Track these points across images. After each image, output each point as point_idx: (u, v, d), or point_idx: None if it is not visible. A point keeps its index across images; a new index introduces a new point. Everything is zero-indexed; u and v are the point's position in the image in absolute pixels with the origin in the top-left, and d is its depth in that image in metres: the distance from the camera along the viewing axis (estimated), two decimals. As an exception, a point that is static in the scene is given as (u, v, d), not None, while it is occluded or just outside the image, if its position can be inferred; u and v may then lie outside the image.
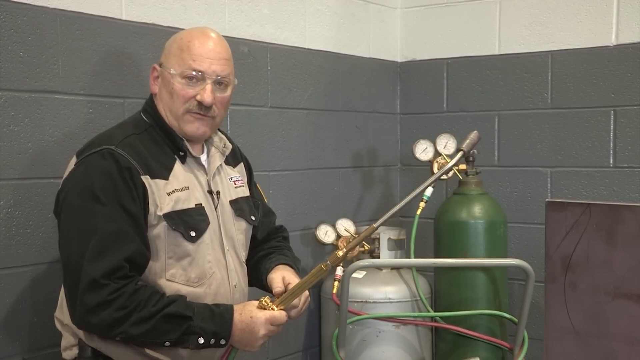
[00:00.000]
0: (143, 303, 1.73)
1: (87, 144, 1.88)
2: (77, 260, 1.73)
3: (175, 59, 1.89)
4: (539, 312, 2.90)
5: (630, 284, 1.45)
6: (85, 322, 1.74)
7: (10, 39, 2.01)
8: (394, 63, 3.44)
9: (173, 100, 1.89)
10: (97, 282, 1.70)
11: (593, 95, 2.99)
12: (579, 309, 1.52)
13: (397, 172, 3.47)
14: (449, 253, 2.74)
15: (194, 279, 1.88)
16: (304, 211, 2.96)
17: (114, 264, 1.72)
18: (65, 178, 1.85)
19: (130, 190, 1.78)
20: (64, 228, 1.81)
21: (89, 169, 1.79)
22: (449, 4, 3.31)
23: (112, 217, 1.75)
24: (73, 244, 1.76)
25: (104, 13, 2.23)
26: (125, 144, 1.82)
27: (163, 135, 1.91)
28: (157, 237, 1.82)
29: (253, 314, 1.82)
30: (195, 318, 1.77)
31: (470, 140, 1.98)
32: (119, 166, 1.78)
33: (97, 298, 1.70)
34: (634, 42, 2.89)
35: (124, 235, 1.75)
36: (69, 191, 1.81)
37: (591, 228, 1.49)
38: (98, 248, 1.72)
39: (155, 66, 1.94)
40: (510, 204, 3.12)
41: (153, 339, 1.76)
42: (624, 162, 2.94)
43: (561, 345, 1.53)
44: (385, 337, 2.69)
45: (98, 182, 1.77)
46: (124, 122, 1.98)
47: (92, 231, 1.74)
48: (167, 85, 1.90)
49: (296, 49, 2.89)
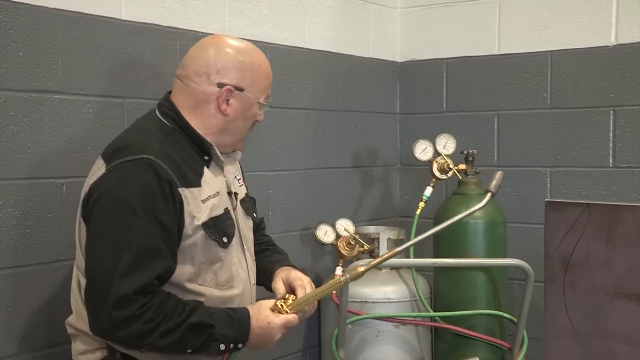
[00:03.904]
0: (169, 315, 1.72)
1: (116, 148, 1.81)
2: (106, 273, 1.69)
3: (259, 87, 1.93)
4: (538, 312, 2.90)
5: (629, 283, 1.45)
6: (111, 335, 1.72)
7: (10, 39, 2.01)
8: (394, 63, 3.44)
9: (245, 123, 1.94)
10: (128, 298, 1.68)
11: (592, 95, 2.99)
12: (578, 308, 1.52)
13: (397, 172, 3.47)
14: (448, 253, 2.75)
15: (223, 282, 1.89)
16: (304, 211, 2.96)
17: (146, 281, 1.70)
18: (96, 183, 1.78)
19: (168, 204, 1.75)
20: (93, 236, 1.76)
21: (127, 178, 1.74)
22: (449, 4, 3.31)
23: (148, 232, 1.72)
24: (103, 255, 1.72)
25: (103, 13, 2.23)
26: (163, 154, 1.78)
27: (189, 139, 1.89)
28: (193, 246, 1.81)
29: (270, 319, 1.84)
30: (216, 326, 1.77)
31: (496, 180, 2.06)
32: (159, 179, 1.74)
33: (127, 313, 1.68)
34: (634, 42, 2.89)
35: (158, 253, 1.73)
36: (101, 198, 1.75)
37: (591, 228, 1.49)
38: (131, 264, 1.69)
39: (231, 88, 1.88)
40: (509, 204, 3.12)
41: (178, 347, 1.75)
42: (623, 162, 2.94)
43: (561, 345, 1.53)
44: (385, 337, 2.69)
45: (136, 194, 1.72)
46: (146, 127, 1.90)
47: (125, 245, 1.70)
48: (245, 110, 1.92)
49: (296, 48, 2.89)
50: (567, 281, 1.52)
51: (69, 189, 2.15)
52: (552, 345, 1.54)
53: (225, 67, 1.88)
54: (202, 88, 1.88)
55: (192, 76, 1.89)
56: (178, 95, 1.92)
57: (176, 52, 2.44)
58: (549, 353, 1.54)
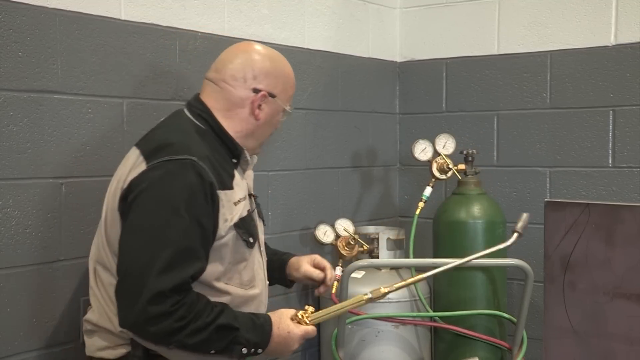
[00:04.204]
0: (199, 314, 1.75)
1: (157, 146, 1.82)
2: (144, 268, 1.71)
3: (287, 96, 2.01)
4: (538, 312, 2.90)
5: (629, 283, 1.45)
6: (142, 330, 1.74)
7: (9, 39, 2.01)
8: (393, 63, 3.44)
9: (270, 128, 2.01)
10: (164, 294, 1.70)
11: (592, 95, 2.99)
12: (578, 308, 1.52)
13: (396, 172, 3.47)
14: (448, 253, 2.74)
15: (246, 281, 1.93)
16: (303, 211, 2.96)
17: (182, 280, 1.73)
18: (137, 178, 1.79)
19: (208, 206, 1.79)
20: (131, 230, 1.78)
21: (170, 177, 1.77)
22: (448, 4, 3.31)
23: (188, 232, 1.75)
24: (141, 250, 1.74)
25: (102, 13, 2.23)
26: (203, 155, 1.82)
27: (220, 142, 1.92)
28: (225, 246, 1.85)
29: (290, 329, 1.89)
30: (241, 329, 1.80)
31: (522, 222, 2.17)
32: (202, 181, 1.78)
33: (161, 309, 1.70)
34: (633, 42, 2.89)
35: (195, 253, 1.77)
36: (143, 194, 1.77)
37: (590, 228, 1.49)
38: (169, 262, 1.72)
39: (266, 94, 1.93)
40: (509, 203, 3.12)
41: (203, 347, 1.78)
42: (622, 162, 2.94)
43: (560, 345, 1.53)
44: (385, 337, 2.69)
45: (180, 194, 1.75)
46: (183, 127, 1.92)
47: (165, 243, 1.73)
48: (272, 116, 1.98)
49: (295, 48, 2.89)
50: (567, 281, 1.52)
51: (69, 189, 2.15)
52: (551, 345, 1.54)
53: (261, 73, 1.93)
54: (237, 92, 1.92)
55: (228, 79, 1.93)
56: (211, 97, 1.94)
57: (176, 52, 2.44)
58: (549, 353, 1.55)
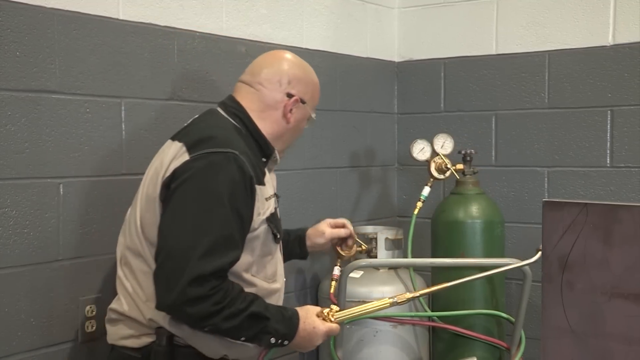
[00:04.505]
0: (234, 300, 1.83)
1: (200, 138, 1.91)
2: (185, 252, 1.80)
3: (314, 104, 2.18)
4: (536, 311, 2.90)
5: (627, 283, 1.45)
6: (180, 311, 1.82)
7: (7, 39, 2.00)
8: (392, 63, 3.44)
9: (296, 133, 2.15)
10: (204, 277, 1.79)
11: (590, 95, 2.99)
12: (576, 308, 1.52)
13: (395, 171, 3.47)
14: (446, 253, 2.75)
15: (270, 275, 2.03)
16: (302, 211, 2.96)
17: (222, 265, 1.83)
18: (181, 167, 1.87)
19: (247, 198, 1.90)
20: (174, 216, 1.86)
21: (215, 168, 1.86)
22: (447, 4, 3.31)
23: (229, 221, 1.84)
24: (184, 234, 1.82)
25: (101, 12, 2.23)
26: (243, 151, 1.92)
27: (254, 141, 2.03)
28: (256, 238, 1.95)
29: (316, 324, 2.00)
30: (271, 319, 1.90)
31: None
32: (243, 174, 1.88)
33: (200, 291, 1.78)
34: (631, 42, 2.90)
35: (234, 242, 1.87)
36: (188, 182, 1.85)
37: (588, 228, 1.49)
38: (211, 247, 1.81)
39: (298, 99, 2.09)
40: (507, 203, 3.12)
41: (235, 333, 1.87)
42: (620, 161, 2.94)
43: (558, 344, 1.53)
44: (383, 336, 2.69)
45: (223, 185, 1.85)
46: (220, 124, 2.02)
47: (208, 230, 1.82)
48: (300, 121, 2.12)
49: (293, 48, 2.88)
50: (565, 281, 1.52)
51: (67, 188, 2.15)
52: (549, 345, 1.54)
53: (295, 79, 2.08)
54: (273, 94, 2.06)
55: (264, 82, 2.06)
56: (246, 98, 2.06)
57: (174, 51, 2.44)
58: (547, 353, 1.54)
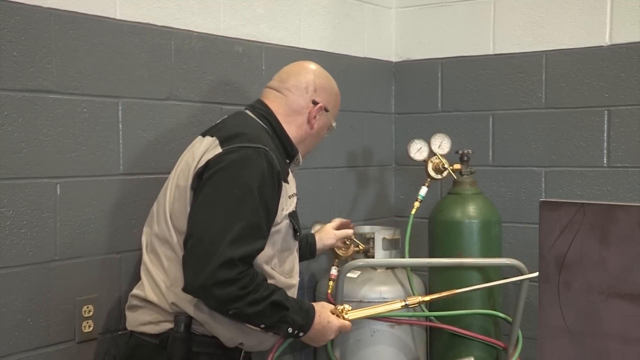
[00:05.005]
0: (258, 287, 1.92)
1: (232, 134, 2.01)
2: (216, 237, 1.89)
3: (335, 113, 2.29)
4: (533, 311, 2.90)
5: (623, 283, 1.45)
6: (208, 293, 1.89)
7: (4, 39, 2.00)
8: (389, 63, 3.44)
9: (317, 139, 2.27)
10: (233, 262, 1.87)
11: (587, 95, 2.99)
12: (572, 308, 1.52)
13: (392, 171, 3.47)
14: (443, 253, 2.75)
15: (287, 270, 2.12)
16: (299, 211, 2.93)
17: (250, 252, 1.92)
18: (214, 159, 1.97)
19: (274, 192, 2.00)
20: (206, 203, 1.94)
21: (246, 161, 1.96)
22: (444, 4, 3.32)
23: (257, 211, 1.94)
24: (216, 220, 1.91)
25: (98, 12, 2.23)
26: (272, 148, 2.04)
27: (280, 142, 2.14)
28: (278, 232, 2.05)
29: (330, 319, 2.12)
30: (290, 309, 2.00)
31: None
32: (272, 168, 1.98)
33: (228, 274, 1.87)
34: (628, 42, 2.90)
35: (261, 230, 1.96)
36: (220, 172, 1.95)
37: (585, 228, 1.49)
38: (241, 234, 1.90)
39: (322, 107, 2.21)
40: (504, 203, 3.12)
41: (256, 319, 1.97)
42: (617, 161, 2.95)
43: (555, 344, 1.54)
44: (380, 336, 2.69)
45: (254, 177, 1.95)
46: (250, 123, 2.12)
47: (239, 217, 1.91)
48: (322, 128, 2.24)
49: (291, 48, 2.89)
50: (562, 281, 1.52)
51: (64, 188, 2.14)
52: (546, 344, 1.54)
53: (321, 88, 2.22)
54: (299, 100, 2.19)
55: (292, 89, 2.19)
56: (274, 102, 2.18)
57: (171, 51, 2.44)
58: (543, 352, 1.55)
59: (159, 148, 2.39)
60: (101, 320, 2.23)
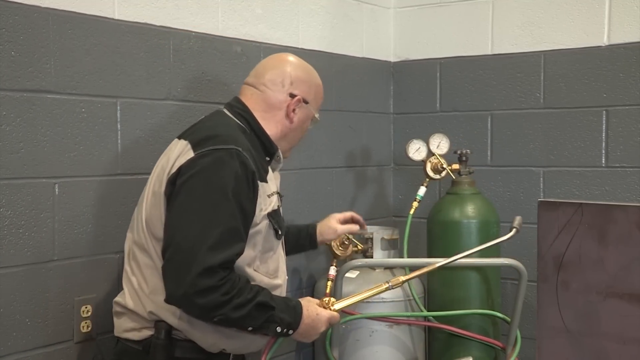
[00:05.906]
0: (241, 291, 1.89)
1: (205, 136, 1.96)
2: (194, 244, 1.85)
3: (317, 104, 2.21)
4: (531, 311, 2.90)
5: (621, 283, 1.45)
6: (191, 302, 1.85)
7: (2, 38, 2.00)
8: (387, 63, 3.44)
9: (300, 133, 2.20)
10: (213, 269, 1.83)
11: (585, 95, 3.00)
12: (571, 308, 1.52)
13: (391, 171, 3.47)
14: (442, 253, 2.74)
15: (272, 271, 2.08)
16: (298, 211, 2.96)
17: (230, 257, 1.88)
18: (187, 164, 1.92)
19: (249, 193, 1.95)
20: (181, 210, 1.90)
21: (219, 164, 1.91)
22: (442, 4, 3.32)
23: (234, 214, 1.90)
24: (192, 228, 1.87)
25: (96, 12, 2.22)
26: (246, 148, 1.98)
27: (258, 140, 2.09)
28: (258, 233, 2.00)
29: (318, 311, 2.07)
30: (276, 309, 1.96)
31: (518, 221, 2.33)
32: (246, 169, 1.93)
33: (209, 282, 1.83)
34: (626, 43, 2.90)
35: (239, 234, 1.92)
36: (194, 178, 1.90)
37: (583, 228, 1.50)
38: (219, 239, 1.86)
39: (301, 99, 2.13)
40: (503, 203, 3.12)
41: (243, 323, 1.92)
42: (616, 162, 2.95)
43: (553, 344, 1.54)
44: (379, 336, 2.69)
45: (228, 180, 1.90)
46: (226, 123, 2.07)
47: (216, 223, 1.87)
48: (303, 121, 2.17)
49: (289, 48, 2.88)
50: (560, 281, 1.52)
51: (62, 188, 2.14)
52: (544, 344, 1.55)
53: (297, 80, 2.14)
54: (276, 95, 2.12)
55: (269, 84, 2.12)
56: (251, 99, 2.12)
57: (169, 51, 2.44)
58: (542, 352, 1.55)
59: (157, 148, 2.38)
60: (99, 321, 2.23)
